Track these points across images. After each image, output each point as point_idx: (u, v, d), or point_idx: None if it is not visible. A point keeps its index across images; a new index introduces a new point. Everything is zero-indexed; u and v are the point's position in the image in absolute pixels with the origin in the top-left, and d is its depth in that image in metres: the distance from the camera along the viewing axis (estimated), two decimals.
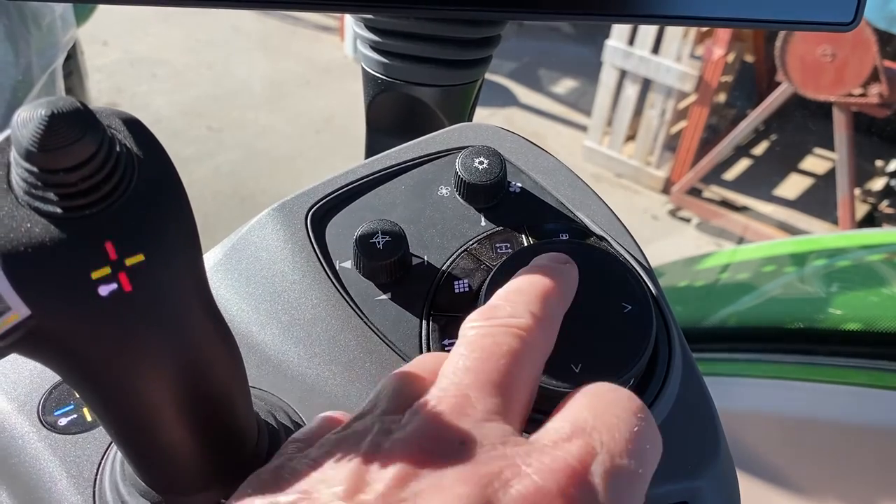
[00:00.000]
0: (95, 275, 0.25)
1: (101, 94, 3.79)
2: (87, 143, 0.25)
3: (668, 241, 3.45)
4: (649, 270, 0.43)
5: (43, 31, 1.00)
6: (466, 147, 0.47)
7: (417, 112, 0.57)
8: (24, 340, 0.25)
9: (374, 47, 0.54)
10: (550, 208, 0.46)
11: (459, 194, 0.46)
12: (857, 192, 3.32)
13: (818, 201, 3.46)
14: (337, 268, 0.43)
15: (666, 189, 3.65)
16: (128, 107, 3.78)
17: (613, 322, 0.37)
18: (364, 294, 0.42)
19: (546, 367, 0.36)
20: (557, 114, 4.14)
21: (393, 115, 0.59)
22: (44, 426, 0.39)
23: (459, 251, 0.43)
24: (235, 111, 3.84)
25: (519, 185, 0.46)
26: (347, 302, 0.42)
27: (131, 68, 4.04)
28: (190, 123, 3.73)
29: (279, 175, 3.49)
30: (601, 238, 0.44)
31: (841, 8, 0.46)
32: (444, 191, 0.46)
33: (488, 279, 0.39)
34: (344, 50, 4.34)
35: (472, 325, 0.32)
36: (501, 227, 0.44)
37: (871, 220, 3.45)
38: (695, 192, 3.53)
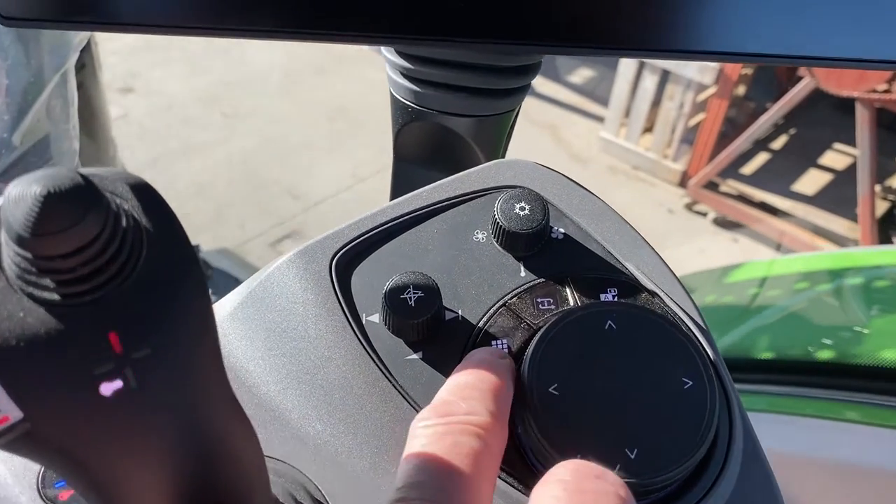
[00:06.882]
0: (97, 371, 0.22)
1: (116, 78, 3.77)
2: (89, 225, 0.21)
3: (684, 235, 3.41)
4: (706, 331, 0.39)
5: (55, 31, 0.97)
6: (503, 187, 0.43)
7: (449, 142, 0.53)
8: (16, 442, 0.22)
9: (405, 74, 0.50)
10: (596, 257, 0.42)
11: (497, 241, 0.42)
12: (878, 188, 3.27)
13: (837, 197, 3.41)
14: (363, 322, 0.39)
15: (682, 182, 3.61)
16: (142, 91, 3.77)
17: (672, 400, 0.34)
18: (392, 352, 0.39)
19: (598, 451, 0.32)
20: (574, 104, 4.09)
21: (423, 145, 0.55)
22: (43, 500, 0.35)
23: (497, 306, 0.40)
24: (250, 98, 3.82)
25: (562, 230, 0.43)
26: (374, 361, 0.38)
27: (147, 53, 4.02)
28: (204, 109, 3.71)
29: (292, 163, 3.46)
30: (652, 294, 0.40)
31: None
32: (479, 236, 0.42)
33: (531, 349, 0.35)
34: None
35: (427, 424, 0.31)
36: (543, 279, 0.41)
37: (890, 218, 3.40)
38: (711, 185, 3.49)
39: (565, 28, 0.39)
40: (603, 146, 3.75)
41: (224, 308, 0.42)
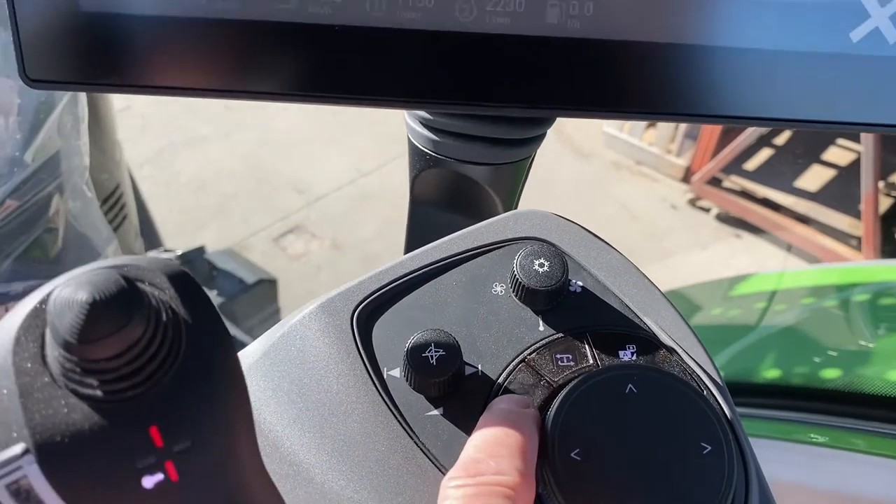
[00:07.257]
0: (139, 465, 0.22)
1: None
2: (133, 329, 0.22)
3: (687, 231, 3.41)
4: (723, 388, 0.40)
5: None
6: (522, 238, 0.44)
7: (465, 187, 0.54)
8: None
9: (424, 123, 0.51)
10: (615, 312, 0.42)
11: (516, 295, 0.42)
12: (881, 185, 3.26)
13: (841, 194, 3.40)
14: (385, 376, 0.40)
15: (686, 178, 3.60)
16: None
17: (690, 465, 0.34)
18: (413, 408, 0.39)
19: None
20: None
21: (439, 190, 0.55)
22: None
23: (516, 361, 0.40)
24: None
25: (580, 283, 0.43)
26: (396, 417, 0.39)
27: None
28: (207, 101, 3.69)
29: (296, 157, 3.46)
30: (671, 350, 0.41)
31: None
32: (498, 289, 0.43)
33: (552, 413, 0.36)
34: None
35: (458, 484, 0.32)
36: (562, 334, 0.41)
37: (894, 215, 3.40)
38: (715, 181, 3.49)
39: (591, 97, 0.40)
40: (606, 141, 3.75)
41: (245, 361, 0.42)
